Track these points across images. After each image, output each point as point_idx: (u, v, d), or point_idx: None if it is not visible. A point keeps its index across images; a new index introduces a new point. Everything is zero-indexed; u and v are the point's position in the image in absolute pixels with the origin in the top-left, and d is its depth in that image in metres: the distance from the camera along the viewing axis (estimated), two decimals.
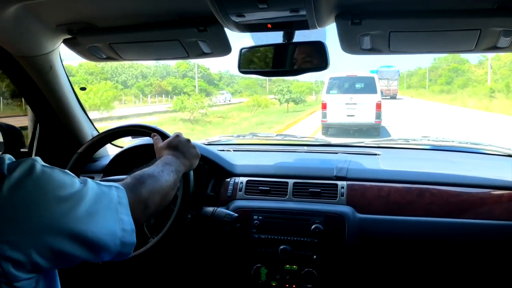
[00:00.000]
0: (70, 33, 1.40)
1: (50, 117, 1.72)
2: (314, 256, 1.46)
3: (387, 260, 1.50)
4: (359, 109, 11.45)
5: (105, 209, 0.77)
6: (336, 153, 1.89)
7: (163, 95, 37.49)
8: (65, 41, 1.47)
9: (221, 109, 25.33)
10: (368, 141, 2.09)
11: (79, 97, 1.78)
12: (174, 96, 34.37)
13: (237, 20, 1.23)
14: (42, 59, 1.49)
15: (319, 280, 1.46)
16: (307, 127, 14.29)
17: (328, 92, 12.28)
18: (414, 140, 2.07)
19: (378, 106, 11.33)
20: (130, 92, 35.10)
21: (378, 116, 11.37)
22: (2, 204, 0.63)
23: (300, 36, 1.46)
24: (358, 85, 12.29)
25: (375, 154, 1.86)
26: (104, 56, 1.52)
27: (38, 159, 0.72)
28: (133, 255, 1.29)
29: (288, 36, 1.42)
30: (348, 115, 11.53)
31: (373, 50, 1.40)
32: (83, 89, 1.88)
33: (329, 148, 2.01)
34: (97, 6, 1.31)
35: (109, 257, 0.82)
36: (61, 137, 1.78)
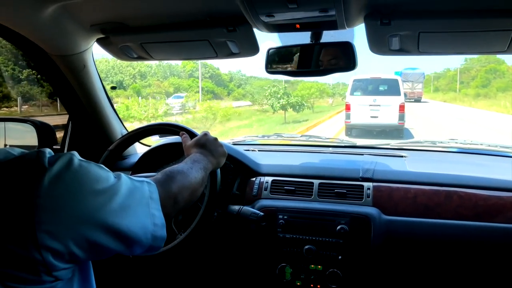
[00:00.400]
0: (103, 32, 1.44)
1: (82, 115, 1.77)
2: (339, 257, 1.46)
3: (412, 263, 1.49)
4: (382, 110, 11.50)
5: (137, 204, 0.80)
6: (362, 154, 1.88)
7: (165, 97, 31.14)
8: (98, 41, 1.51)
9: (178, 118, 18.54)
10: (394, 143, 2.07)
11: (109, 96, 1.82)
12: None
13: (266, 20, 1.25)
14: (76, 58, 1.54)
15: (344, 280, 1.46)
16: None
17: (352, 93, 12.41)
18: (441, 142, 2.04)
19: (402, 108, 11.39)
20: (124, 93, 29.89)
21: (401, 117, 11.44)
22: (43, 195, 0.65)
23: (327, 37, 1.47)
24: (381, 87, 12.35)
25: (401, 156, 1.84)
26: (135, 56, 1.56)
27: (76, 153, 0.74)
28: (161, 251, 1.32)
29: (316, 36, 1.43)
30: (371, 116, 11.61)
31: (401, 51, 1.40)
32: (114, 88, 1.92)
33: (355, 149, 2.00)
34: (130, 6, 1.34)
35: (141, 251, 0.84)
36: (92, 134, 1.83)
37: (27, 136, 1.67)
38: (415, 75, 30.87)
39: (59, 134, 1.84)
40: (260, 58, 1.58)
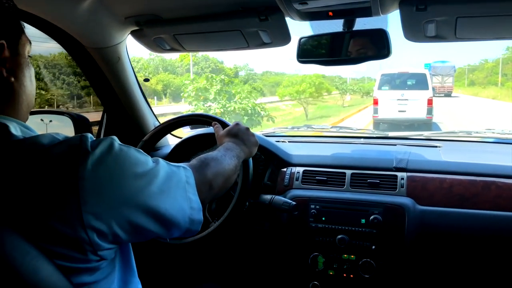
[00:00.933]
0: (137, 24, 1.47)
1: (116, 107, 1.81)
2: (373, 247, 1.45)
3: (448, 254, 1.46)
4: (410, 105, 11.47)
5: (175, 188, 0.81)
6: (395, 145, 1.85)
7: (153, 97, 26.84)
8: (132, 33, 1.54)
9: None
10: (427, 133, 2.03)
11: (142, 88, 1.85)
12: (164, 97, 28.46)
13: (299, 8, 1.24)
14: (111, 50, 1.58)
15: (378, 270, 1.45)
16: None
17: (379, 88, 12.38)
18: (477, 132, 1.99)
19: (430, 102, 11.40)
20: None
21: (430, 111, 11.41)
22: (87, 178, 0.67)
23: (360, 25, 1.45)
24: (409, 81, 12.30)
25: (435, 147, 1.81)
26: (168, 48, 1.58)
27: (115, 138, 0.76)
28: (196, 238, 1.35)
29: (349, 24, 1.41)
30: (399, 111, 11.55)
31: (437, 38, 1.36)
32: (146, 80, 1.95)
33: (387, 140, 1.98)
34: None
35: (178, 233, 0.86)
36: (126, 126, 1.86)
37: (65, 128, 1.73)
38: (445, 68, 29.97)
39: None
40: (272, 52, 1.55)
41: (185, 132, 1.98)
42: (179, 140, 1.90)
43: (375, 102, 11.98)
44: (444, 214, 1.45)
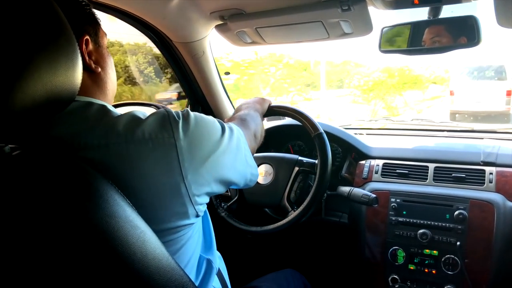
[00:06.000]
0: (221, 19, 1.52)
1: (200, 100, 1.89)
2: (458, 243, 1.39)
3: None
4: (488, 95, 10.79)
5: (240, 159, 0.93)
6: (482, 138, 1.75)
7: None
8: (217, 27, 1.60)
9: None
10: None
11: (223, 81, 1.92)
12: None
13: None
14: (197, 45, 1.65)
15: (463, 268, 1.39)
16: None
17: (456, 79, 11.75)
18: None
19: (509, 93, 10.67)
20: None
21: (509, 102, 10.64)
22: (182, 139, 0.76)
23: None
24: (487, 72, 11.51)
25: None
26: (249, 41, 1.62)
27: (188, 109, 0.85)
28: (275, 226, 1.39)
29: (434, 12, 1.36)
30: (476, 102, 10.91)
31: None
32: (227, 73, 2.01)
33: (473, 133, 1.87)
34: None
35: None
36: None
37: None
38: None
39: None
40: None
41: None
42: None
43: (451, 93, 11.47)
44: None
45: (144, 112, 0.80)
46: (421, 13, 1.43)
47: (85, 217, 0.59)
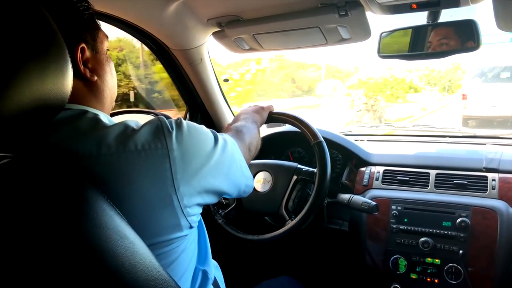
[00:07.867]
0: (219, 26, 1.52)
1: (198, 107, 1.88)
2: (460, 251, 1.36)
3: None
4: (504, 99, 10.41)
5: (234, 166, 0.91)
6: (484, 144, 1.73)
7: None
8: (214, 34, 1.59)
9: None
10: None
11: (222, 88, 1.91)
12: None
13: (380, 1, 1.20)
14: (194, 52, 1.65)
15: (466, 277, 1.35)
16: None
17: (470, 82, 11.39)
18: None
19: None
20: None
21: None
22: (175, 149, 0.75)
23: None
24: (503, 75, 11.17)
25: None
26: (247, 47, 1.61)
27: (181, 118, 0.83)
28: (272, 236, 1.37)
29: (433, 16, 1.34)
30: (491, 106, 10.55)
31: None
32: (226, 80, 2.00)
33: (475, 139, 1.85)
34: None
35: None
36: (208, 125, 1.93)
37: None
38: None
39: None
40: None
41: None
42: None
43: (464, 97, 11.14)
44: None
45: (138, 121, 0.79)
46: (417, 18, 1.42)
47: (73, 226, 0.58)
